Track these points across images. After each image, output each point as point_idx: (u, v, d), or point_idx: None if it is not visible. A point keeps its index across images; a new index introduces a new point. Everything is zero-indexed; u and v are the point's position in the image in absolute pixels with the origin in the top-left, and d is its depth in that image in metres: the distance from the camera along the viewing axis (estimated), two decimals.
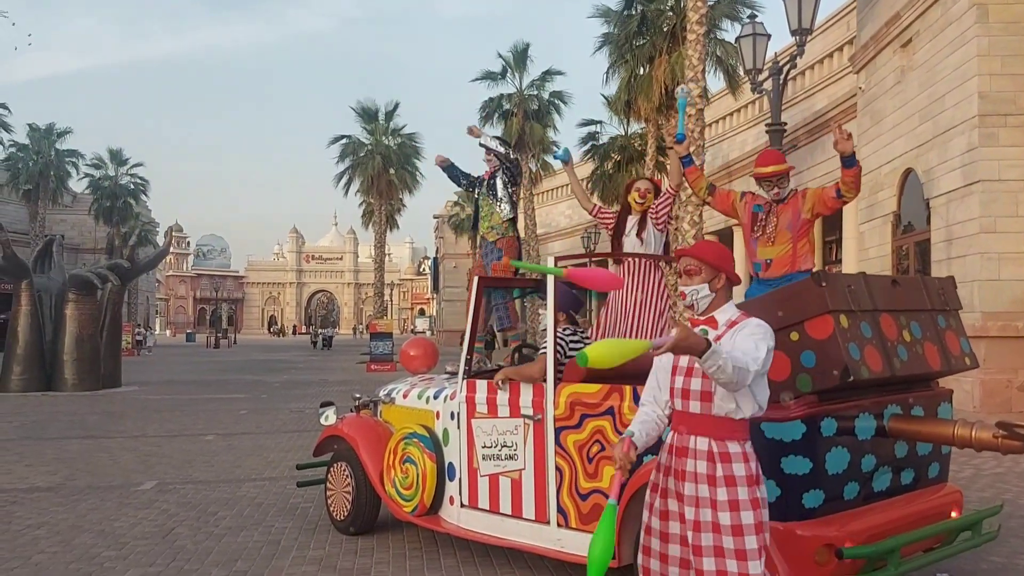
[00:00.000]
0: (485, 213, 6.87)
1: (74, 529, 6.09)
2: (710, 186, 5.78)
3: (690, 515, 2.95)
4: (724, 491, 2.89)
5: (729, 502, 2.89)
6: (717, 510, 2.90)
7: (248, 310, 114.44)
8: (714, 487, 2.91)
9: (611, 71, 25.11)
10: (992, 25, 12.33)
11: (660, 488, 3.07)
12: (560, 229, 41.61)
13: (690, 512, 2.95)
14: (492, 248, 6.68)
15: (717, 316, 3.04)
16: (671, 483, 3.03)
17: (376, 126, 39.68)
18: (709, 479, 2.93)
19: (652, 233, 5.92)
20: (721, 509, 2.89)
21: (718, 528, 2.89)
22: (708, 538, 2.90)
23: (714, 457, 2.93)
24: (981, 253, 12.24)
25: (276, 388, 19.62)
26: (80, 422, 12.76)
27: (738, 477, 2.91)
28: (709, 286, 3.05)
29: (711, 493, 2.92)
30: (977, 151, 12.31)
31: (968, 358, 4.37)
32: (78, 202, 49.22)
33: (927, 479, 4.33)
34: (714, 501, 2.91)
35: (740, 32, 14.42)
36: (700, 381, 2.96)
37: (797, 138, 20.96)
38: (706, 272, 3.06)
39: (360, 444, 5.71)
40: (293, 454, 9.22)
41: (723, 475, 2.91)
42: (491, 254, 6.67)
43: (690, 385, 3.00)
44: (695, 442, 2.98)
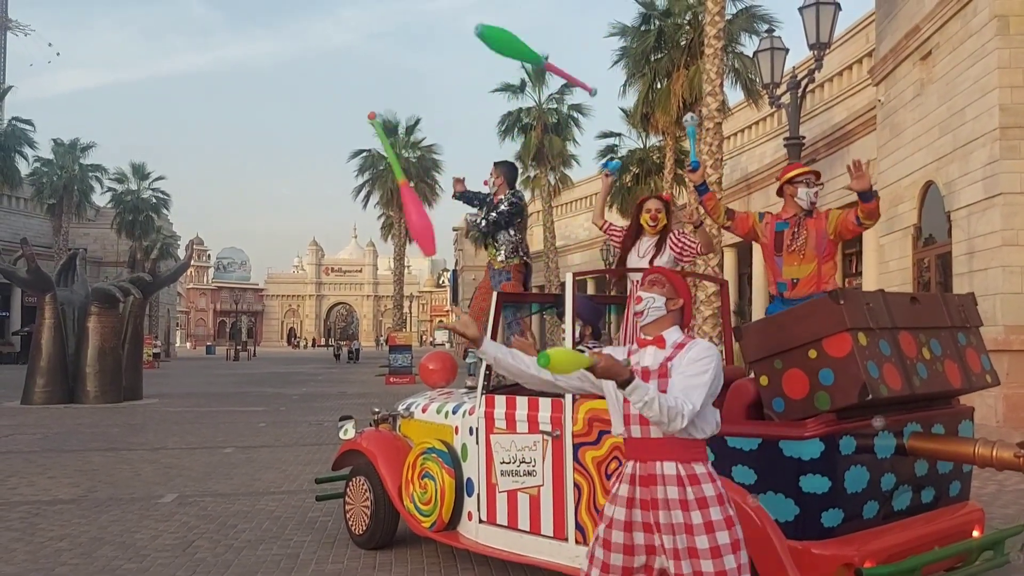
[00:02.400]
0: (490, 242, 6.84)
1: (95, 541, 6.15)
2: (728, 211, 5.76)
3: (668, 543, 2.90)
4: (698, 514, 2.87)
5: (704, 524, 2.86)
6: (693, 534, 2.87)
7: (268, 322, 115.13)
8: (687, 511, 2.88)
9: (628, 84, 25.16)
10: (1013, 37, 12.25)
11: (624, 523, 2.99)
12: (579, 241, 41.61)
13: (668, 541, 2.90)
14: (501, 271, 6.70)
15: (666, 336, 3.05)
16: (637, 515, 2.97)
17: (397, 140, 39.91)
18: (681, 504, 2.89)
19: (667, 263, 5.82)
20: (697, 533, 2.86)
21: (695, 553, 2.86)
22: (687, 565, 2.87)
23: (683, 481, 2.89)
24: (1003, 266, 12.12)
25: (295, 401, 19.71)
26: (102, 434, 12.88)
27: (709, 498, 2.89)
28: (667, 302, 3.07)
29: (685, 518, 2.88)
30: (998, 163, 12.21)
31: (989, 375, 4.34)
32: (101, 216, 49.77)
33: (948, 497, 4.29)
34: (688, 525, 2.88)
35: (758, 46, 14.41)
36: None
37: (816, 151, 20.88)
38: (669, 291, 3.09)
39: (379, 459, 5.73)
40: (312, 467, 9.26)
41: (694, 498, 2.88)
42: (500, 275, 6.69)
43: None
44: (662, 467, 2.93)
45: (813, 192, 5.46)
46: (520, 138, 35.56)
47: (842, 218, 5.33)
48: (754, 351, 4.00)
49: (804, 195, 5.43)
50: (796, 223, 5.43)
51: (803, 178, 5.47)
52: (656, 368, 2.98)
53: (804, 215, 5.42)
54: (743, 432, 3.89)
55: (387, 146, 5.05)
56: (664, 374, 2.95)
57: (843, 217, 5.33)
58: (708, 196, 5.76)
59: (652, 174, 30.10)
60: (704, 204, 5.79)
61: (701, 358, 2.92)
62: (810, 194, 5.44)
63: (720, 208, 5.75)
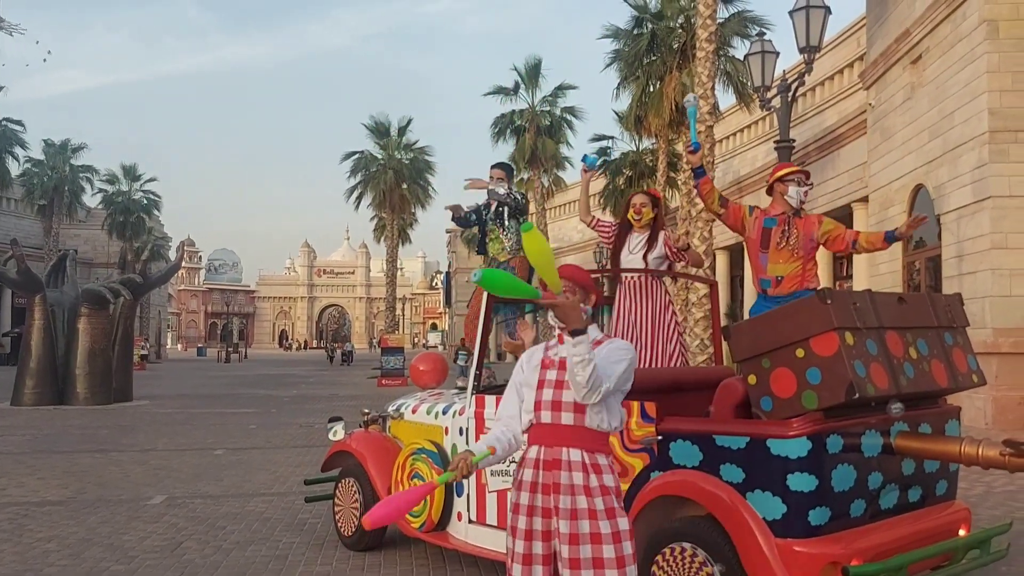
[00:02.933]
0: (494, 236, 6.88)
1: (84, 543, 6.13)
2: (721, 199, 5.76)
3: (565, 528, 2.93)
4: (601, 500, 2.94)
5: (607, 510, 2.93)
6: (597, 519, 2.92)
7: (259, 324, 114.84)
8: (591, 497, 2.94)
9: (621, 87, 25.25)
10: (1002, 41, 12.34)
11: (527, 507, 3.02)
12: (573, 243, 41.69)
13: (565, 526, 2.93)
14: (505, 266, 6.69)
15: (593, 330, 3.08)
16: (538, 499, 3.00)
17: (389, 141, 39.92)
18: (585, 490, 2.94)
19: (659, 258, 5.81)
20: (601, 518, 2.92)
21: (599, 539, 2.91)
22: (587, 550, 2.91)
23: (588, 468, 2.95)
24: (992, 269, 12.20)
25: (286, 403, 19.67)
26: (91, 436, 12.83)
27: (610, 488, 2.97)
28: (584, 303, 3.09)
29: (589, 504, 2.93)
30: (987, 167, 12.29)
31: (975, 375, 4.36)
32: (92, 217, 49.61)
33: (935, 496, 4.31)
34: (592, 511, 2.93)
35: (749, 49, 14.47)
36: (561, 392, 3.01)
37: (808, 154, 20.98)
38: (580, 293, 3.10)
39: (368, 460, 5.73)
40: (302, 469, 9.24)
41: (598, 485, 2.95)
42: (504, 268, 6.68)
43: (563, 397, 3.01)
44: (568, 454, 2.98)
45: (803, 191, 5.51)
46: (513, 140, 35.62)
47: (837, 234, 5.47)
48: (742, 350, 4.01)
49: (794, 193, 5.50)
50: (785, 221, 5.50)
51: (794, 176, 5.53)
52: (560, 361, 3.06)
53: (793, 214, 5.47)
54: (731, 431, 3.90)
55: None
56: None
57: (839, 234, 5.47)
58: (704, 180, 5.77)
59: (645, 176, 30.20)
60: (700, 188, 5.79)
61: (620, 349, 3.04)
62: (800, 193, 5.51)
63: (715, 194, 5.74)
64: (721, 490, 3.86)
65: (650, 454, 4.20)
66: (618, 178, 31.45)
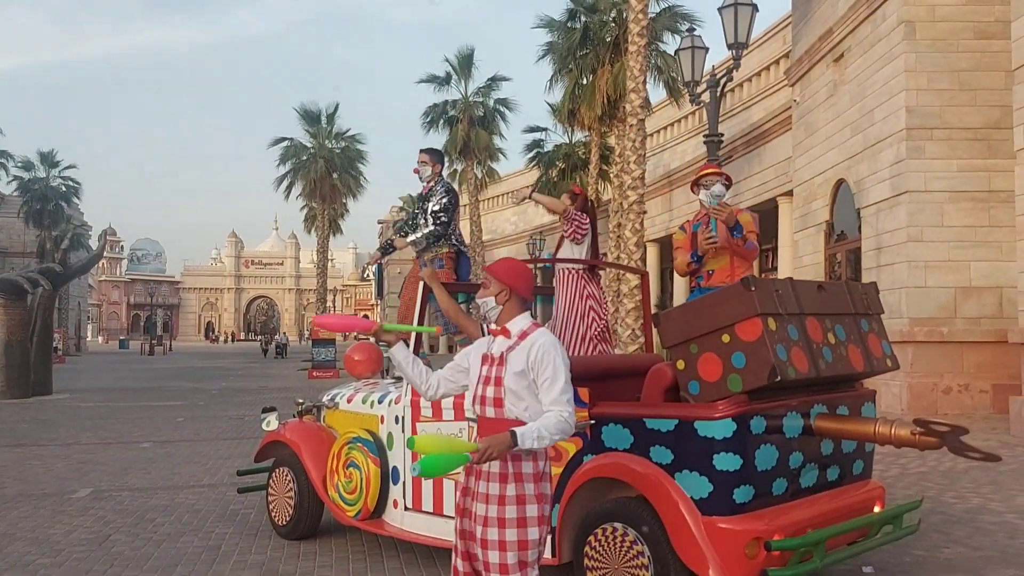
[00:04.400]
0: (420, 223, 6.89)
1: (6, 537, 5.96)
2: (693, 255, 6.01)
3: (481, 511, 3.09)
4: (512, 487, 3.07)
5: (516, 496, 3.06)
6: (505, 504, 3.07)
7: (184, 316, 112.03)
8: (505, 483, 3.08)
9: (555, 79, 25.42)
10: (919, 42, 12.85)
11: (463, 488, 3.22)
12: (505, 236, 41.80)
13: (481, 508, 3.11)
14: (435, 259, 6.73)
15: (510, 327, 3.20)
16: (472, 482, 3.17)
17: (319, 129, 39.30)
18: (501, 477, 3.08)
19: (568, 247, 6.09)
20: (508, 503, 3.06)
21: (504, 523, 3.06)
22: (494, 532, 3.06)
23: (506, 456, 3.05)
24: (908, 261, 12.72)
25: (214, 395, 19.30)
26: (9, 430, 12.40)
27: (525, 474, 3.08)
28: (496, 299, 3.22)
29: (501, 489, 3.08)
30: (905, 163, 12.80)
31: (890, 360, 4.58)
32: (6, 204, 47.69)
33: (852, 475, 4.52)
34: (502, 496, 3.07)
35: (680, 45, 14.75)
36: (492, 388, 3.14)
37: (735, 149, 21.47)
38: (494, 286, 3.23)
39: (303, 449, 5.71)
40: (233, 461, 9.12)
41: (512, 472, 3.07)
42: (433, 263, 6.72)
43: (486, 392, 3.15)
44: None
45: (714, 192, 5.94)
46: (446, 131, 35.48)
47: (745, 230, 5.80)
48: (671, 336, 4.14)
49: (704, 197, 5.99)
50: (707, 221, 5.92)
51: (704, 180, 6.02)
52: (498, 356, 3.17)
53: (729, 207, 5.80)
54: (660, 414, 4.04)
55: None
56: (502, 363, 3.13)
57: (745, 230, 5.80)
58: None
59: (578, 169, 30.48)
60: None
61: (547, 358, 3.08)
62: (710, 195, 5.95)
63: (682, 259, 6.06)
64: (651, 471, 3.99)
65: (583, 438, 4.30)
66: (551, 170, 31.67)
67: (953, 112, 12.73)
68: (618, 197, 22.34)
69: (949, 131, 12.71)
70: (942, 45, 12.83)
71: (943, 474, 8.02)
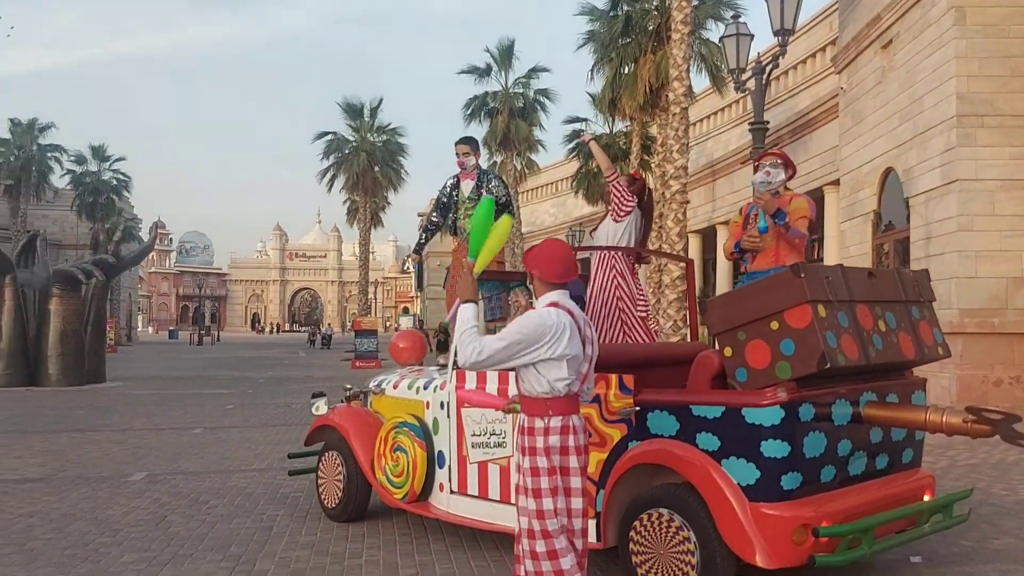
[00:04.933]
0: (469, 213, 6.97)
1: (67, 517, 6.17)
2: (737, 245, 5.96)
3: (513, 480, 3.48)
4: (527, 459, 3.38)
5: (531, 469, 3.36)
6: (520, 473, 3.42)
7: (231, 307, 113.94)
8: (522, 455, 3.41)
9: (596, 69, 25.27)
10: (970, 27, 12.57)
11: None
12: (545, 227, 41.75)
13: (514, 477, 3.53)
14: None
15: (536, 304, 3.55)
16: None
17: (361, 123, 39.63)
18: (520, 448, 3.44)
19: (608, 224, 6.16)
20: (522, 473, 3.40)
21: (519, 489, 3.43)
22: (515, 498, 3.45)
23: (523, 430, 3.42)
24: (959, 251, 12.48)
25: (262, 384, 19.65)
26: (66, 416, 12.78)
27: (527, 448, 3.37)
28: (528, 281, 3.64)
29: (519, 460, 3.43)
30: (955, 151, 12.54)
31: (941, 348, 4.54)
32: (60, 198, 48.86)
33: (901, 464, 4.49)
34: (519, 466, 3.43)
35: (724, 32, 14.60)
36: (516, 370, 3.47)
37: (780, 137, 21.20)
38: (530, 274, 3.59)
39: (351, 433, 5.82)
40: (281, 447, 9.30)
41: (527, 445, 3.39)
42: None
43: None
44: (519, 417, 3.51)
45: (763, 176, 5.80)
46: (486, 122, 35.49)
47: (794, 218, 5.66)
48: (718, 324, 4.15)
49: (755, 179, 5.89)
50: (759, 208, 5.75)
51: (757, 163, 5.94)
52: None
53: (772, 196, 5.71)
54: (707, 400, 4.05)
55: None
56: None
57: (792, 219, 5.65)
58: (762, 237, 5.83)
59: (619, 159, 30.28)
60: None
61: (518, 321, 3.43)
62: (761, 177, 5.81)
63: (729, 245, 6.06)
64: (697, 457, 4.01)
65: (628, 424, 4.33)
66: (591, 161, 31.51)
67: (1005, 99, 12.43)
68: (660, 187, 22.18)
69: (1001, 118, 12.42)
70: (994, 30, 12.53)
71: (993, 466, 7.90)
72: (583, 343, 3.45)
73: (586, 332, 3.49)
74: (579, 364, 3.43)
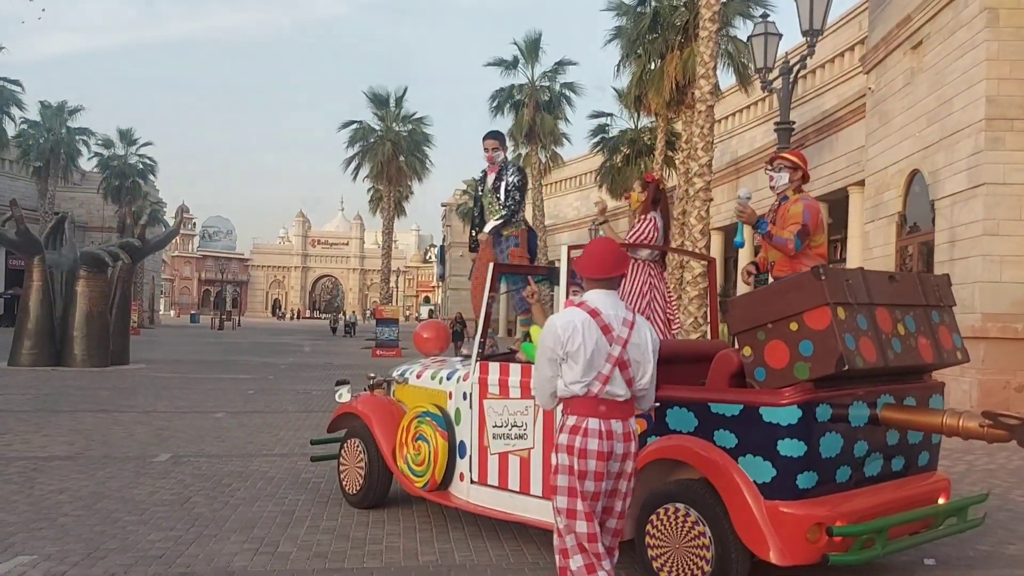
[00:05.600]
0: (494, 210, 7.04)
1: (95, 495, 6.32)
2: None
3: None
4: (553, 456, 3.53)
5: (554, 466, 3.51)
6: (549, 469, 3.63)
7: (253, 293, 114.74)
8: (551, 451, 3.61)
9: (622, 64, 25.21)
10: (1002, 30, 12.45)
11: None
12: (568, 221, 41.78)
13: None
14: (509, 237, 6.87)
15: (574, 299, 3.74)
16: None
17: (387, 112, 39.74)
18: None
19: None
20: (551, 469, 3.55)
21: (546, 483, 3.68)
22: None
23: (554, 427, 3.66)
24: (983, 255, 12.40)
25: (282, 370, 19.87)
26: (92, 396, 13.02)
27: (557, 444, 3.51)
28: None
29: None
30: (983, 154, 12.44)
31: (960, 352, 4.56)
32: (87, 180, 49.44)
33: (917, 467, 4.53)
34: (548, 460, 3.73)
35: (752, 31, 14.55)
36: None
37: (806, 136, 21.09)
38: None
39: (374, 421, 5.93)
40: (302, 433, 9.45)
41: (555, 441, 3.53)
42: (507, 241, 6.86)
43: None
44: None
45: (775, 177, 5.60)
46: (512, 115, 35.53)
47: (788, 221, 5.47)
48: (739, 323, 4.20)
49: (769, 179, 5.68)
50: (773, 209, 5.65)
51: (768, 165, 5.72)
52: None
53: (779, 201, 5.61)
54: (726, 398, 4.11)
55: None
56: None
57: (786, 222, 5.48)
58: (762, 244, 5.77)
59: (643, 155, 30.26)
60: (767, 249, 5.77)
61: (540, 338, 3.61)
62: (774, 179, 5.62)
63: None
64: (714, 454, 4.07)
65: (647, 420, 4.40)
66: (616, 156, 31.50)
67: None
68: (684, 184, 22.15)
69: None
70: None
71: (1012, 472, 7.89)
72: (611, 343, 3.40)
73: (619, 332, 3.43)
74: (600, 364, 3.38)
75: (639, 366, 3.47)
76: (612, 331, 3.42)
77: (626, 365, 3.43)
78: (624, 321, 3.47)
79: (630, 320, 3.49)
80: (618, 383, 3.42)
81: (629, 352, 3.43)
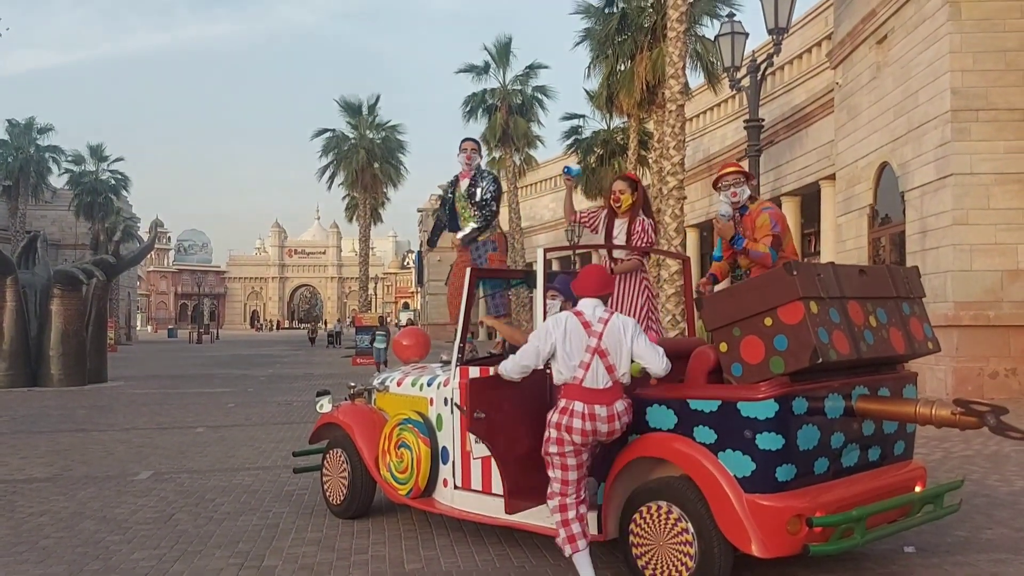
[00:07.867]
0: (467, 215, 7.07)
1: (76, 516, 6.27)
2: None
3: None
4: (546, 431, 4.31)
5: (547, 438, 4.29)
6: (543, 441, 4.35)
7: (230, 305, 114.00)
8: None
9: (592, 66, 25.33)
10: (964, 22, 12.66)
11: None
12: (544, 222, 41.87)
13: None
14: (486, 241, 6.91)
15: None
16: None
17: (360, 120, 39.69)
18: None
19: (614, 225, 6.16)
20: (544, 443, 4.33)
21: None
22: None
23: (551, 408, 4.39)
24: (953, 245, 12.59)
25: (262, 382, 19.76)
26: (69, 416, 12.89)
27: (549, 420, 4.28)
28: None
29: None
30: (950, 145, 12.64)
31: (931, 343, 4.64)
32: (58, 198, 48.93)
33: (893, 456, 4.60)
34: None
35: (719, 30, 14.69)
36: None
37: (776, 132, 21.30)
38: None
39: (356, 430, 5.92)
40: (284, 444, 9.41)
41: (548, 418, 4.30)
42: (484, 246, 6.90)
43: None
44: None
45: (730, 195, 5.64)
46: (484, 119, 35.58)
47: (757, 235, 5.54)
48: (714, 319, 4.25)
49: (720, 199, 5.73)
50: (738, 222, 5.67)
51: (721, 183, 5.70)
52: None
53: (739, 214, 5.65)
54: (704, 395, 4.15)
55: None
56: None
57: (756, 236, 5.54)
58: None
59: (616, 155, 30.41)
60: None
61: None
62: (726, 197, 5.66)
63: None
64: (695, 450, 4.12)
65: None
66: (590, 157, 31.63)
67: (999, 93, 12.54)
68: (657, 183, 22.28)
69: (995, 112, 12.53)
70: (988, 25, 12.62)
71: (987, 457, 8.01)
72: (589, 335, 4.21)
73: (596, 327, 4.23)
74: (581, 353, 4.21)
75: (616, 354, 4.22)
76: (590, 326, 4.25)
77: (605, 353, 4.20)
78: (600, 319, 4.28)
79: (606, 318, 4.29)
80: (600, 372, 4.19)
81: (605, 341, 4.21)
